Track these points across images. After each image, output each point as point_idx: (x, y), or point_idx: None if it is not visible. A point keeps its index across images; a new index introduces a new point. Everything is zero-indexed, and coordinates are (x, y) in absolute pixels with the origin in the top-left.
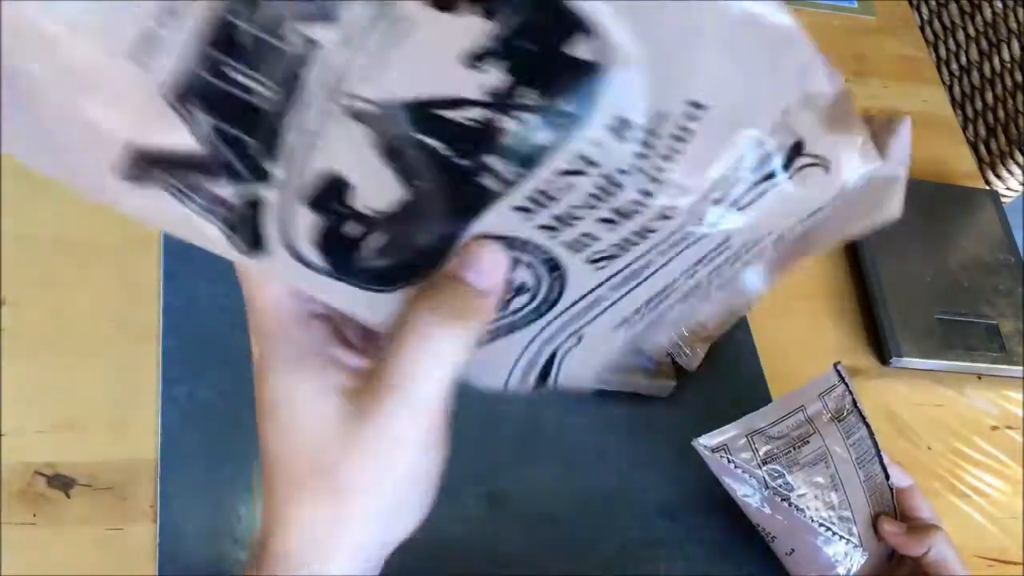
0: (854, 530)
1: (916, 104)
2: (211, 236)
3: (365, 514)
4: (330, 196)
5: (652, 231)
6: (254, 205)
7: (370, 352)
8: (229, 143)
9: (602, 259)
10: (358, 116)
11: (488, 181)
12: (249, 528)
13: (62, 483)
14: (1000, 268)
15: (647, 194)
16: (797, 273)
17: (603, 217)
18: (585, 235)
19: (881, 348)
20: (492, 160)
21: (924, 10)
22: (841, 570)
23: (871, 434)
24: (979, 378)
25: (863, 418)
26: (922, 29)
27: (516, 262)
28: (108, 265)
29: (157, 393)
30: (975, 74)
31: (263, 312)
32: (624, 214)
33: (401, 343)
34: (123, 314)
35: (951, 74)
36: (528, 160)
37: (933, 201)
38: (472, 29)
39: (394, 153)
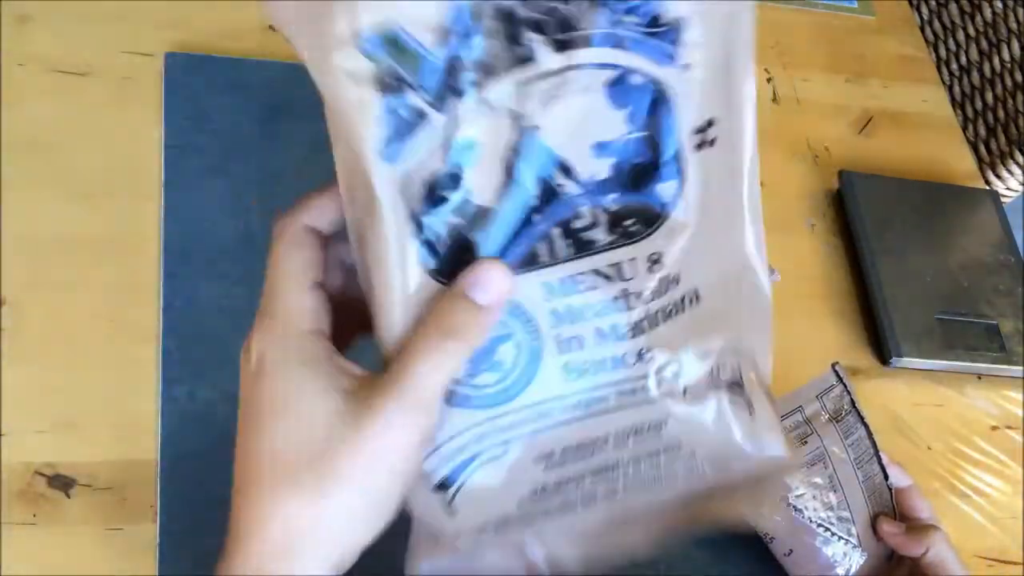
0: (853, 530)
1: (916, 104)
2: (366, 125)
3: (347, 508)
4: (462, 157)
5: (625, 365)
6: (416, 119)
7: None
8: (453, 60)
9: (574, 371)
10: (515, 122)
11: (543, 248)
12: None
13: (62, 483)
14: (1000, 268)
15: (640, 330)
16: (797, 273)
17: (600, 328)
18: (577, 339)
19: (881, 348)
20: (556, 233)
21: (924, 10)
22: (840, 570)
23: (870, 434)
24: (979, 378)
25: (861, 418)
26: (922, 29)
27: (510, 338)
28: (108, 265)
29: (157, 393)
30: (975, 74)
31: (287, 317)
32: (616, 334)
33: (406, 350)
34: (123, 314)
35: (951, 74)
36: (581, 246)
37: (933, 201)
38: (616, 127)
39: (510, 166)
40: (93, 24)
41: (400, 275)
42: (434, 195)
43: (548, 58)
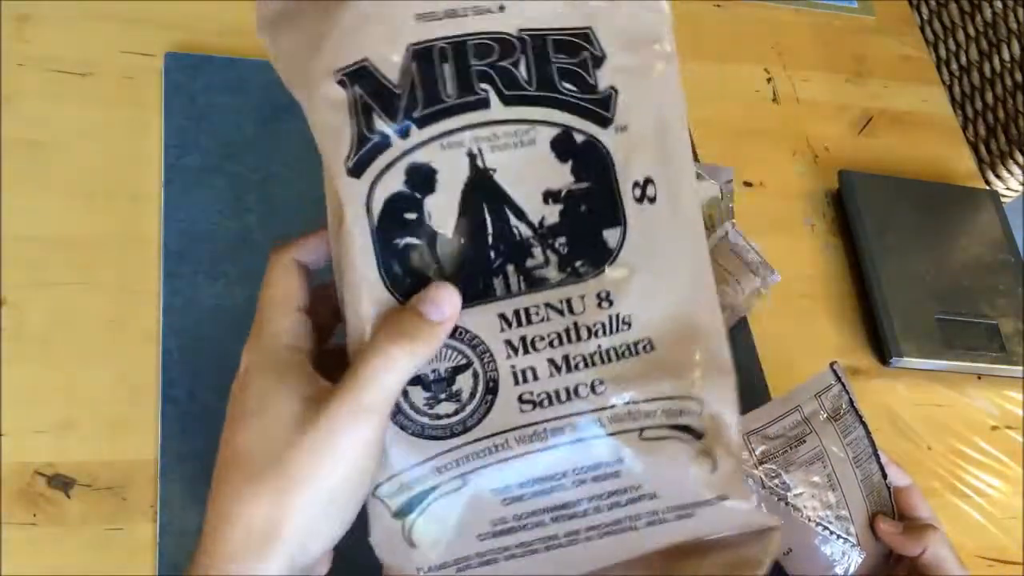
0: (851, 529)
1: (916, 104)
2: (341, 144)
3: (304, 507)
4: (420, 182)
5: (579, 397)
6: (381, 145)
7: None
8: (410, 96)
9: (530, 402)
10: (471, 159)
11: (498, 283)
12: None
13: (62, 483)
14: (1000, 268)
15: (592, 363)
16: (797, 273)
17: (553, 359)
18: (532, 369)
19: (881, 348)
20: (510, 269)
21: (924, 10)
22: (839, 570)
23: (868, 433)
24: (979, 378)
25: (860, 417)
26: (922, 29)
27: (468, 368)
28: (108, 265)
29: (157, 393)
30: (975, 74)
31: (272, 332)
32: (568, 366)
33: (357, 357)
34: (123, 314)
35: (951, 74)
36: (533, 282)
37: (933, 201)
38: (562, 178)
39: (466, 202)
40: (93, 24)
41: (366, 289)
42: (395, 214)
43: (499, 108)
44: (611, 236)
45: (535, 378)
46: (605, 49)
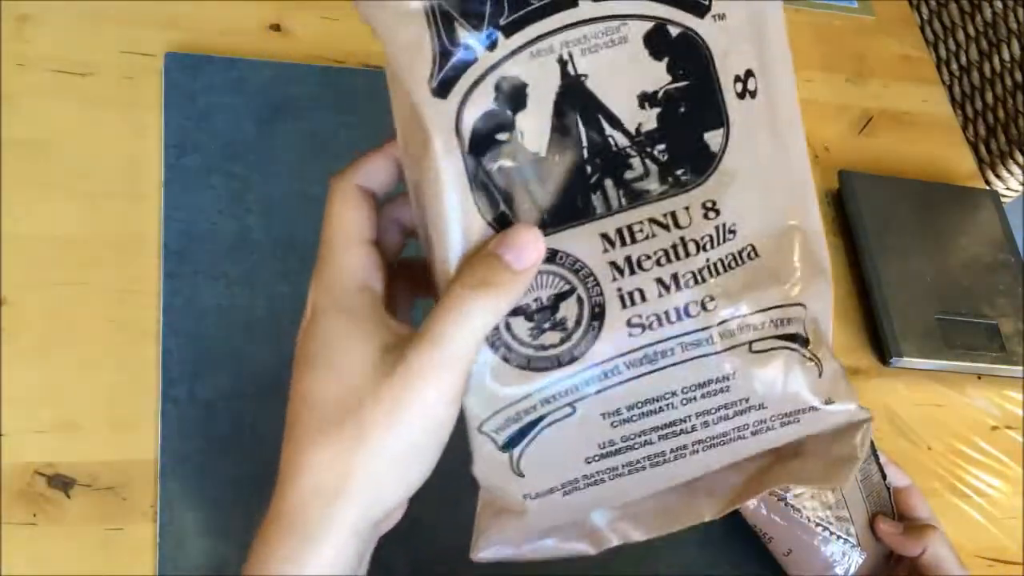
0: (852, 530)
1: (916, 104)
2: (422, 63)
3: (378, 459)
4: (510, 97)
5: (690, 316)
6: (468, 60)
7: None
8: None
9: (639, 325)
10: (563, 66)
11: (597, 200)
12: (249, 528)
13: (62, 483)
14: (1000, 268)
15: (701, 279)
16: None
17: (661, 278)
18: (639, 291)
19: (881, 348)
20: (609, 183)
21: (924, 10)
22: (839, 570)
23: None
24: (979, 378)
25: None
26: (922, 29)
27: (572, 294)
28: (108, 265)
29: (157, 393)
30: (975, 74)
31: (338, 270)
32: (677, 284)
33: (438, 307)
34: (123, 314)
35: (951, 74)
36: (634, 196)
37: (933, 201)
38: (658, 78)
39: (560, 114)
40: (93, 24)
41: (456, 219)
42: (486, 136)
43: (588, 5)
44: (713, 139)
45: (643, 299)
46: None
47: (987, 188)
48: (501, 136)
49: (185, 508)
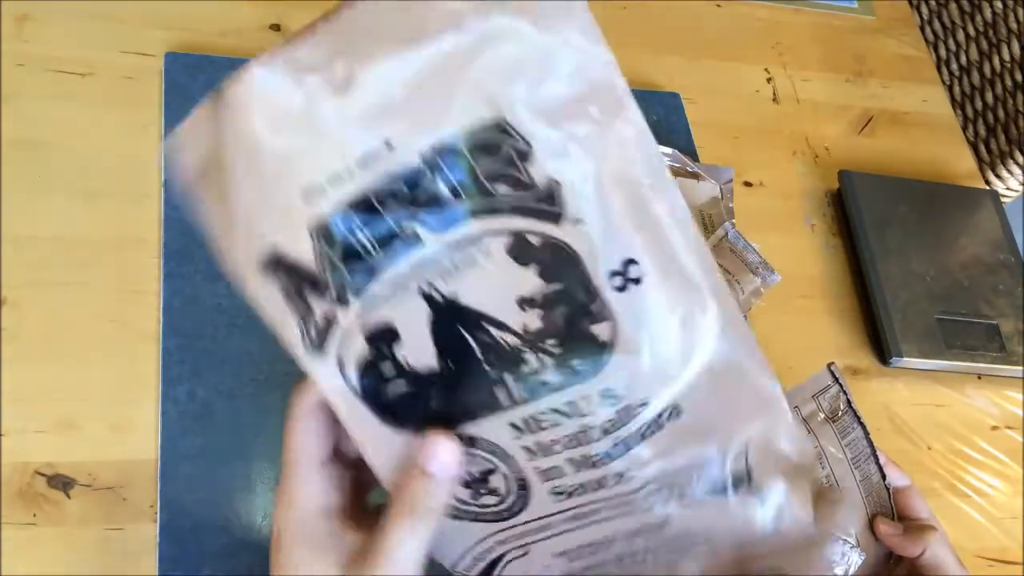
0: (851, 531)
1: (916, 104)
2: (291, 330)
3: None
4: (382, 339)
5: (607, 487)
6: (329, 321)
7: (363, 528)
8: (334, 273)
9: (562, 493)
10: (427, 298)
11: (501, 394)
12: (249, 527)
13: (62, 483)
14: (1000, 268)
15: (610, 456)
16: (797, 273)
17: (572, 459)
18: (555, 468)
19: (881, 348)
20: (509, 379)
21: (924, 10)
22: (838, 570)
23: (866, 434)
24: (979, 378)
25: (858, 418)
26: (922, 29)
27: (496, 471)
28: (108, 265)
29: (157, 393)
30: (975, 74)
31: (299, 496)
32: (589, 463)
33: (379, 527)
34: (123, 314)
35: (951, 74)
36: (534, 390)
37: (933, 201)
38: (532, 284)
39: (440, 335)
40: (93, 24)
41: (371, 446)
42: (373, 375)
43: (433, 240)
44: (602, 331)
45: (561, 476)
46: (528, 139)
47: (987, 188)
48: (388, 371)
49: (185, 508)
